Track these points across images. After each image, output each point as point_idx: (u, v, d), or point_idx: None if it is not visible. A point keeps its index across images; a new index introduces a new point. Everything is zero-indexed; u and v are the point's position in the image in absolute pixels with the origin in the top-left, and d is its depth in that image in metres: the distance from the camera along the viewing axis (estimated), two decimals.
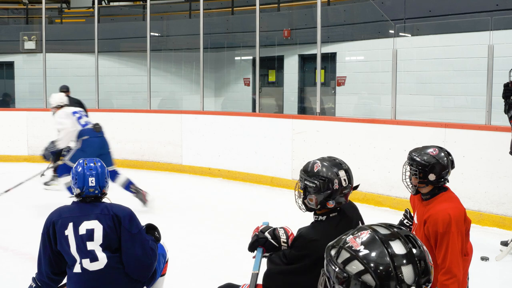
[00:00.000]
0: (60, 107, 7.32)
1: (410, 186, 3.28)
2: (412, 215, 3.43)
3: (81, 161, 3.27)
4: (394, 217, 4.28)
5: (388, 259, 1.45)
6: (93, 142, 6.98)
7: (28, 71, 13.94)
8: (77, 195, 3.20)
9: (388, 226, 1.56)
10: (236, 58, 14.10)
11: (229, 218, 6.80)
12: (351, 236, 1.53)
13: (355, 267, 1.46)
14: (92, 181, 3.16)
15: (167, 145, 9.93)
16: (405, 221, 3.48)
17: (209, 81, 11.75)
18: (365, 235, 1.52)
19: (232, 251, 5.42)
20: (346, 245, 1.51)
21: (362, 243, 1.49)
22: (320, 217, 2.81)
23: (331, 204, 2.74)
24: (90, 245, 3.05)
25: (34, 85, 12.74)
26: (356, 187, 2.87)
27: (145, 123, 10.25)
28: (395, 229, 1.54)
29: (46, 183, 8.38)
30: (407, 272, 1.44)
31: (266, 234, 2.90)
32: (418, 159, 3.17)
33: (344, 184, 2.75)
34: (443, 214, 3.03)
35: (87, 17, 15.01)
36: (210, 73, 12.44)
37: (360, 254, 1.47)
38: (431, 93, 9.66)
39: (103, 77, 11.30)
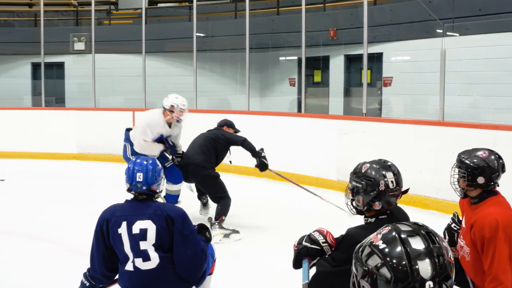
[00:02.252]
0: None
1: (458, 189, 3.22)
2: (460, 219, 3.37)
3: (135, 157, 3.35)
4: (441, 220, 4.22)
5: (403, 252, 1.51)
6: None
7: (77, 71, 14.26)
8: (127, 191, 3.24)
9: (412, 223, 1.62)
10: (280, 58, 14.11)
11: (273, 219, 6.80)
12: (374, 234, 1.62)
13: (374, 260, 1.54)
14: (139, 177, 3.18)
15: None
16: (453, 225, 3.42)
17: (254, 81, 11.80)
18: (385, 231, 1.60)
19: (276, 251, 5.42)
20: (369, 242, 1.60)
21: (381, 239, 1.58)
22: (370, 219, 2.81)
23: (377, 205, 2.74)
24: (143, 245, 3.09)
25: (83, 85, 13.02)
26: (405, 191, 2.85)
27: (191, 123, 10.31)
28: (417, 226, 1.60)
29: None
30: (423, 267, 1.49)
31: (304, 243, 2.84)
32: (467, 161, 3.11)
33: (391, 186, 2.74)
34: (490, 219, 2.96)
35: (134, 18, 15.24)
36: (255, 73, 12.49)
37: (379, 248, 1.55)
38: (480, 94, 9.48)
39: (150, 77, 11.47)
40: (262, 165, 6.75)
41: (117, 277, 3.27)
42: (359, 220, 2.92)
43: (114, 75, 13.39)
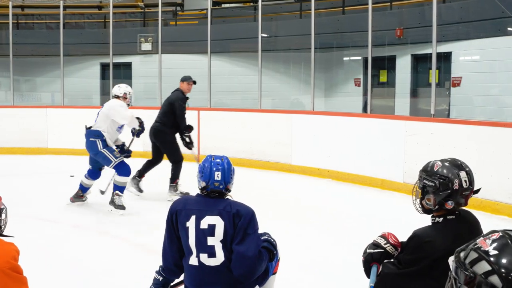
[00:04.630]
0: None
1: None
2: None
3: (208, 156, 3.34)
4: None
5: None
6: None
7: (144, 71, 14.58)
8: (202, 189, 3.25)
9: None
10: (344, 58, 13.97)
11: (337, 221, 6.72)
12: (481, 238, 1.52)
13: (482, 267, 1.44)
14: (218, 176, 3.20)
15: (276, 145, 10.00)
16: None
17: (318, 81, 11.71)
18: (495, 237, 1.50)
19: (339, 254, 5.35)
20: (475, 246, 1.50)
21: (491, 245, 1.47)
22: (437, 219, 2.75)
23: (449, 205, 2.68)
24: (210, 240, 3.10)
25: (150, 84, 13.28)
26: (477, 191, 2.78)
27: (256, 122, 10.38)
28: None
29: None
30: None
31: (368, 250, 2.91)
32: None
33: (464, 185, 2.68)
34: None
35: (200, 19, 15.43)
36: (319, 73, 12.40)
37: (489, 254, 1.45)
38: None
39: (215, 77, 11.56)
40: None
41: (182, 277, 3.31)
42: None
43: (180, 75, 13.56)
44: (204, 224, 3.12)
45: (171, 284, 3.41)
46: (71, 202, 7.27)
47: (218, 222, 3.11)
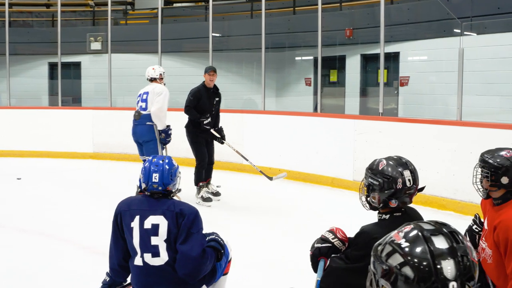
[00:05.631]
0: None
1: (481, 189, 3.14)
2: (482, 220, 3.30)
3: (152, 156, 3.36)
4: (458, 222, 4.15)
5: (427, 252, 1.47)
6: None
7: (94, 71, 14.35)
8: (143, 190, 3.27)
9: (434, 222, 1.58)
10: (296, 58, 14.07)
11: (288, 218, 6.77)
12: (395, 232, 1.58)
13: (396, 259, 1.50)
14: (155, 177, 3.21)
15: None
16: (474, 226, 3.34)
17: (270, 81, 11.76)
18: (407, 230, 1.56)
19: (289, 251, 5.39)
20: (390, 240, 1.56)
21: (403, 237, 1.53)
22: (384, 216, 2.80)
23: (393, 203, 2.73)
24: (154, 240, 3.11)
25: (100, 84, 13.08)
26: (421, 189, 2.83)
27: None
28: (440, 225, 1.56)
29: None
30: (448, 267, 1.45)
31: (316, 245, 2.93)
32: (490, 161, 3.03)
33: (408, 184, 2.72)
34: None
35: (150, 18, 15.31)
36: (271, 73, 12.45)
37: (401, 247, 1.51)
38: (498, 93, 9.37)
39: (166, 77, 11.46)
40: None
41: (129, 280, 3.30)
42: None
43: (130, 75, 13.43)
44: (147, 224, 3.12)
45: (121, 286, 3.38)
46: None
47: (161, 221, 3.12)
